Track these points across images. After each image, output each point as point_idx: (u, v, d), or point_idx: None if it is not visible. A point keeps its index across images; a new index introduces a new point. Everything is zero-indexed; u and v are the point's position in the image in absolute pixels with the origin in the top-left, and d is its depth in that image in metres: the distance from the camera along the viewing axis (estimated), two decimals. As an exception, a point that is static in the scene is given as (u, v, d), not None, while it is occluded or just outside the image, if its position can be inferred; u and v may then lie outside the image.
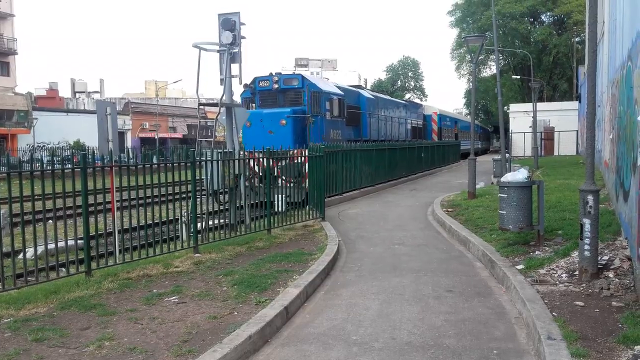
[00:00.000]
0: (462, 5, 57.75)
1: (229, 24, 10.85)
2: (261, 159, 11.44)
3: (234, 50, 11.08)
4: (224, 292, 6.68)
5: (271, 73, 18.19)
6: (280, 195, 11.80)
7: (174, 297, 6.47)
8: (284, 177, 12.40)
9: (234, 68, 11.26)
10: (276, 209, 11.23)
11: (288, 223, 11.34)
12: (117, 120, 10.04)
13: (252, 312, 5.88)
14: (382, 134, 25.44)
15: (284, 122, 16.70)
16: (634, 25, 6.79)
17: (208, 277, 7.42)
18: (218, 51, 11.40)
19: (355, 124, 21.47)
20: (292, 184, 12.16)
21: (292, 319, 6.09)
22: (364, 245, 10.10)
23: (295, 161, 12.51)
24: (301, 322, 6.01)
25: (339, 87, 20.60)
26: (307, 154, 12.57)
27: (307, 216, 12.02)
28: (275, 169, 12.17)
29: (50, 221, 9.95)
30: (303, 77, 17.79)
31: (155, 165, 8.64)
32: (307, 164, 12.64)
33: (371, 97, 24.62)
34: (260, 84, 18.17)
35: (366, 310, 6.30)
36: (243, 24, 11.02)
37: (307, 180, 12.54)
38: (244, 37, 11.13)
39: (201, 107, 13.04)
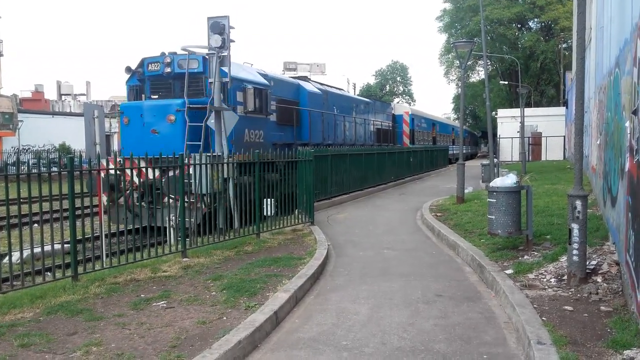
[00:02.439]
0: (451, 10, 58.14)
1: (218, 27, 10.83)
2: (139, 169, 8.88)
3: (223, 54, 11.05)
4: (212, 297, 6.62)
5: (163, 53, 13.86)
6: (269, 200, 11.49)
7: (162, 302, 6.41)
8: (172, 195, 9.84)
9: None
10: (265, 214, 11.14)
11: (277, 227, 11.30)
12: (104, 123, 9.98)
13: (242, 317, 5.83)
14: (333, 137, 20.53)
15: (172, 117, 12.76)
16: (622, 32, 6.86)
17: (197, 282, 7.36)
18: (207, 54, 11.38)
19: (290, 123, 17.04)
20: (186, 203, 9.24)
21: (282, 324, 6.05)
22: (353, 250, 10.08)
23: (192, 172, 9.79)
24: (291, 327, 5.97)
25: (265, 76, 15.86)
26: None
27: (296, 220, 11.98)
28: (166, 181, 9.69)
29: (36, 225, 9.84)
30: (205, 59, 12.98)
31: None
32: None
33: (316, 91, 19.69)
34: (149, 68, 14.08)
35: (356, 315, 6.28)
36: (232, 27, 11.01)
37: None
38: (233, 41, 11.12)
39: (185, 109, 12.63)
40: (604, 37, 10.21)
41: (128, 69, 14.23)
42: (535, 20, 55.37)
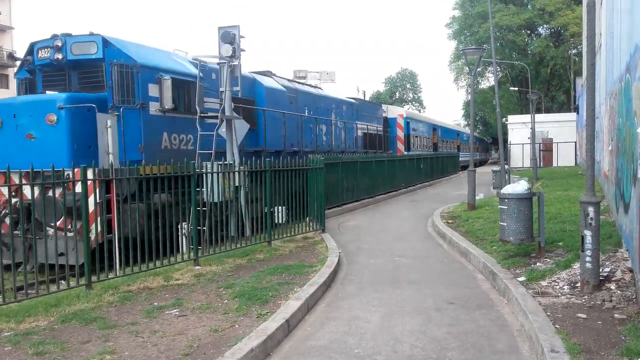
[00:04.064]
0: (460, 18, 58.19)
1: (229, 37, 10.93)
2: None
3: (234, 63, 11.14)
4: (225, 305, 6.65)
5: (55, 35, 11.12)
6: (280, 207, 11.46)
7: (175, 310, 6.45)
8: (49, 223, 7.71)
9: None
10: (276, 221, 11.17)
11: (288, 235, 11.33)
12: (116, 132, 10.06)
13: (254, 325, 5.85)
14: (301, 143, 17.22)
15: (53, 118, 10.02)
16: (632, 38, 6.84)
17: (209, 290, 7.40)
18: (218, 64, 11.48)
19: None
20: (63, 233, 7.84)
21: (294, 332, 6.06)
22: (365, 257, 10.08)
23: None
24: (303, 335, 5.98)
25: (202, 66, 12.30)
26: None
27: (307, 228, 12.01)
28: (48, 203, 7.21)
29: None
30: (105, 41, 10.77)
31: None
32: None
33: (279, 88, 16.45)
34: (39, 55, 11.27)
35: (367, 323, 6.28)
36: (242, 37, 11.11)
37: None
38: (243, 50, 11.21)
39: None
40: (614, 42, 10.18)
41: (11, 57, 11.71)
42: (545, 26, 55.22)
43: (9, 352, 5.15)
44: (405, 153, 28.86)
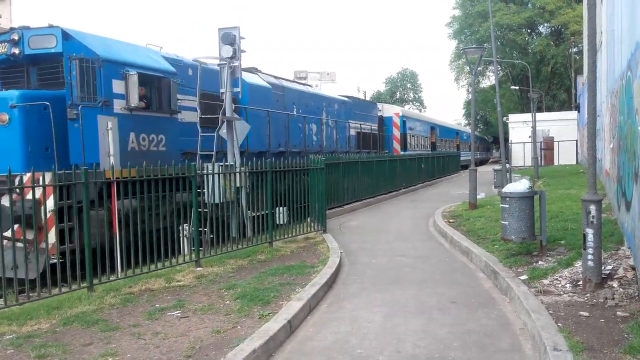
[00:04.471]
0: (460, 17, 58.21)
1: (229, 38, 10.92)
2: None
3: (234, 64, 11.14)
4: (226, 306, 6.65)
5: (12, 28, 10.52)
6: (281, 209, 11.46)
7: (177, 312, 6.44)
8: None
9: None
10: (277, 222, 11.16)
11: (289, 235, 11.32)
12: (117, 135, 10.05)
13: (256, 326, 5.85)
14: (288, 144, 16.16)
15: (4, 117, 9.32)
16: (633, 35, 6.83)
17: (210, 291, 7.39)
18: (218, 65, 11.47)
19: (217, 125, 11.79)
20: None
21: (296, 333, 6.06)
22: (366, 257, 10.07)
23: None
24: (305, 335, 5.98)
25: (177, 61, 11.85)
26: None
27: (309, 228, 12.00)
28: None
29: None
30: (65, 33, 9.89)
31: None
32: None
33: (264, 85, 15.34)
34: None
35: (370, 322, 6.27)
36: (243, 38, 11.10)
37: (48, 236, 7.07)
38: (244, 51, 11.20)
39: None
40: (614, 40, 10.16)
41: None
42: (545, 25, 55.21)
43: (11, 355, 5.15)
44: (402, 153, 28.05)
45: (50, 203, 7.28)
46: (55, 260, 7.16)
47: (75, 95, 9.57)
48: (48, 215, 7.05)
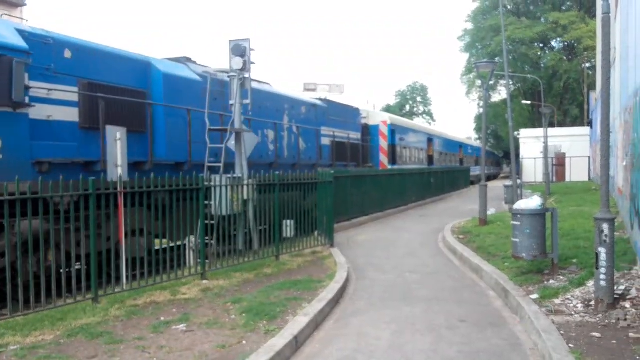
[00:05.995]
0: (472, 30, 58.15)
1: (240, 49, 10.94)
2: None
3: (245, 76, 11.16)
4: (232, 321, 6.57)
5: None
6: (289, 222, 11.41)
7: (182, 325, 6.38)
8: None
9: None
10: (284, 235, 11.09)
11: (296, 249, 11.24)
12: (126, 145, 10.02)
13: (261, 341, 5.77)
14: (226, 152, 11.12)
15: None
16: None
17: (216, 305, 7.32)
18: (228, 77, 11.49)
19: (122, 126, 9.36)
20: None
21: (302, 349, 5.97)
22: (374, 273, 9.96)
23: None
24: (311, 352, 5.89)
25: (39, 35, 8.86)
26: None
27: (316, 242, 11.91)
28: None
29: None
30: None
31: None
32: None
33: (190, 77, 12.04)
34: None
35: (377, 340, 6.17)
36: (253, 49, 11.12)
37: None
38: (253, 63, 11.22)
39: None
40: (629, 56, 10.07)
41: None
42: (558, 39, 54.94)
43: (14, 366, 5.11)
44: (390, 167, 24.53)
45: None
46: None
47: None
48: None
